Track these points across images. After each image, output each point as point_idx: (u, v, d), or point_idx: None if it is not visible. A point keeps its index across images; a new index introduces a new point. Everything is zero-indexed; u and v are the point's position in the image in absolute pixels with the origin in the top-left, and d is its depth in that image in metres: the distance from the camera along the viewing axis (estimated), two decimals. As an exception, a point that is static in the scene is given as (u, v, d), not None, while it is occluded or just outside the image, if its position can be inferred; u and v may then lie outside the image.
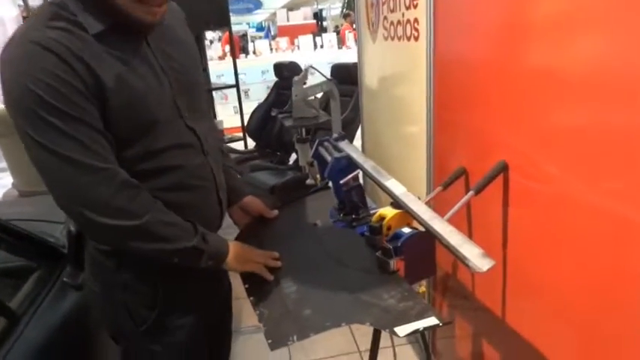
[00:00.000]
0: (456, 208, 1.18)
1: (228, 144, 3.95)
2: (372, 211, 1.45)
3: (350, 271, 1.10)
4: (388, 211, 1.21)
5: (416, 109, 1.75)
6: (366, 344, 2.14)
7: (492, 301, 1.39)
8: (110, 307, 1.04)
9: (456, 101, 1.48)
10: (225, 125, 4.58)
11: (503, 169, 1.21)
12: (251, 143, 4.03)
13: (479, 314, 1.48)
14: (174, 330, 1.03)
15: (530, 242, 1.16)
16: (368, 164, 1.49)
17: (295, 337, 0.90)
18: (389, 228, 1.19)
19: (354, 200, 1.45)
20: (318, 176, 2.03)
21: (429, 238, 1.09)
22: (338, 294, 1.02)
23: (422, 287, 1.11)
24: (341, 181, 1.44)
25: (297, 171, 2.98)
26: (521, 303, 1.25)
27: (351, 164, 1.56)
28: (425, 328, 0.87)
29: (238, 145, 4.06)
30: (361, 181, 1.52)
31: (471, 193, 1.20)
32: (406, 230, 1.09)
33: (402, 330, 0.88)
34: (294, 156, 3.61)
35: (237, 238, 1.24)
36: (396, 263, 1.06)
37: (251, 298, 1.04)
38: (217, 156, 1.11)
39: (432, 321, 0.89)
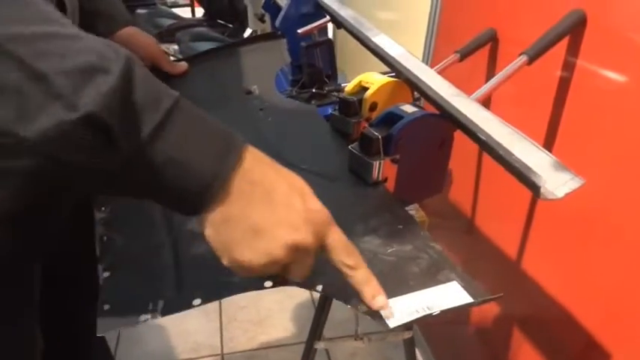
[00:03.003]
0: (496, 79, 0.68)
1: (171, 9, 3.21)
2: (343, 86, 0.94)
3: (299, 175, 0.60)
4: (373, 79, 0.70)
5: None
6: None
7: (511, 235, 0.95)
8: None
9: None
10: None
11: (579, 22, 0.70)
12: (200, 12, 3.30)
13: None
14: None
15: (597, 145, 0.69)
16: (345, 12, 0.95)
17: (159, 306, 0.41)
18: (373, 107, 0.68)
19: (317, 65, 0.92)
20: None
21: (447, 127, 0.59)
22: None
23: (419, 212, 0.64)
24: (299, 30, 0.89)
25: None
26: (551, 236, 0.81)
27: (317, 12, 1.01)
28: (442, 311, 0.40)
29: (184, 12, 3.33)
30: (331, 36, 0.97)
31: (522, 58, 0.68)
32: (408, 109, 0.58)
33: (393, 315, 0.40)
34: (249, 30, 2.95)
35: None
36: (383, 166, 0.56)
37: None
38: None
39: (458, 295, 0.42)
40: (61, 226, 0.52)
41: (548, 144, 0.76)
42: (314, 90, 0.90)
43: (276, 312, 1.55)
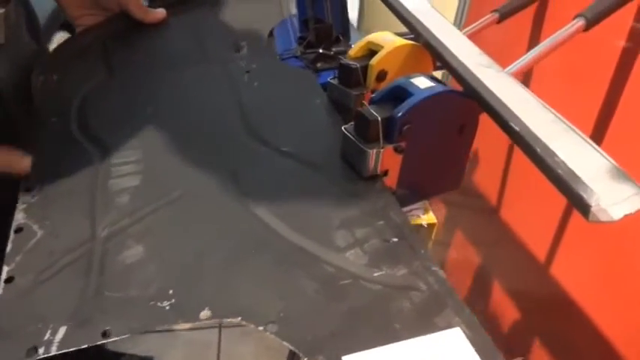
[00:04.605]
0: (540, 48, 0.53)
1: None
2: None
3: (275, 160, 0.48)
4: (385, 40, 0.56)
5: None
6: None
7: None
8: None
9: None
10: None
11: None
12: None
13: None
14: None
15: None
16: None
17: (58, 336, 0.31)
18: (382, 76, 0.55)
19: (325, 19, 0.78)
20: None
21: (471, 108, 0.46)
22: (231, 220, 0.41)
23: (428, 214, 0.52)
24: (305, -24, 0.75)
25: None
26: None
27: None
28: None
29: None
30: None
31: (577, 22, 0.53)
32: (421, 82, 0.45)
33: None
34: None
35: (56, 51, 0.60)
36: (382, 156, 0.44)
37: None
38: None
39: (460, 351, 0.31)
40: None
41: (598, 138, 0.62)
42: (321, 50, 0.77)
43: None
